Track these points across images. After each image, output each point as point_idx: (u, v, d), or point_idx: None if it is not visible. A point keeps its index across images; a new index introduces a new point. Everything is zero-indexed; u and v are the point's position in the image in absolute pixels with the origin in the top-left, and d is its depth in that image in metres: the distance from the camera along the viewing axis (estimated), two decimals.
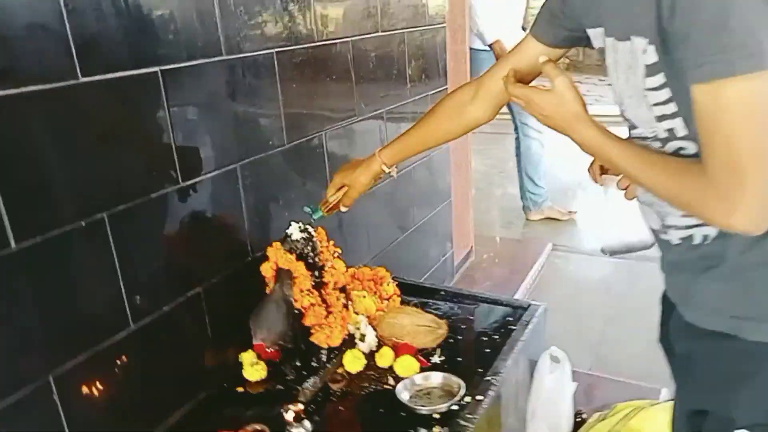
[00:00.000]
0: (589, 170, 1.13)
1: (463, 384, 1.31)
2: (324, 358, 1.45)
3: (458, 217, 2.77)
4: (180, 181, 1.27)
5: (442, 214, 2.58)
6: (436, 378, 1.36)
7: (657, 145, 0.86)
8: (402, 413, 1.28)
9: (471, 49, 2.98)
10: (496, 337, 1.55)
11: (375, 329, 1.53)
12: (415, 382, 1.36)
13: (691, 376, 0.96)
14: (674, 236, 0.91)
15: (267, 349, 1.39)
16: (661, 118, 0.82)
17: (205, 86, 1.32)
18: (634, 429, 1.61)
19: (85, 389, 1.10)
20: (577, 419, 1.75)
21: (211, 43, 1.30)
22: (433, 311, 1.61)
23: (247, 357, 1.46)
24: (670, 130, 0.83)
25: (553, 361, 1.61)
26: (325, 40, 1.68)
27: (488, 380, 1.35)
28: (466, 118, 1.20)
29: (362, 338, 1.52)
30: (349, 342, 1.49)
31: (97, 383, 1.12)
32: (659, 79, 0.79)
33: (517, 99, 0.99)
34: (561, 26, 1.02)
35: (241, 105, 1.42)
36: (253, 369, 1.42)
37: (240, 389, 1.41)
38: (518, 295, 2.67)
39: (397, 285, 1.73)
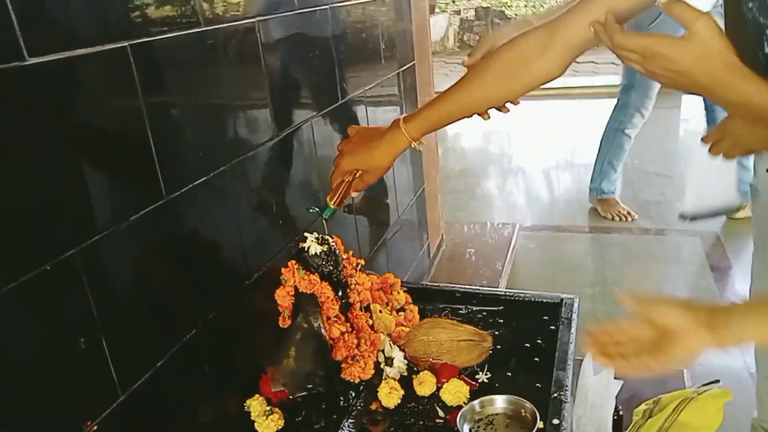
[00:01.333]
0: (705, 139, 0.94)
1: (533, 408, 1.10)
2: (352, 393, 1.19)
3: (430, 204, 2.56)
4: (164, 194, 0.95)
5: (419, 204, 2.35)
6: (500, 402, 1.14)
7: None
8: None
9: None
10: (539, 341, 1.36)
11: (402, 350, 1.29)
12: (475, 410, 1.13)
13: None
14: None
15: (290, 397, 1.11)
16: None
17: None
18: (685, 423, 1.48)
19: None
20: (614, 417, 1.60)
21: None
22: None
23: (256, 405, 1.17)
24: None
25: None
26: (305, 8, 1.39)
27: (556, 397, 1.15)
28: (532, 75, 0.94)
29: (389, 362, 1.27)
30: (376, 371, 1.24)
31: None
32: None
33: (629, 52, 0.77)
34: None
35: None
36: (268, 420, 1.14)
37: None
38: (502, 283, 2.50)
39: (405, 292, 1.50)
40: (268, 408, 1.16)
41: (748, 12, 0.77)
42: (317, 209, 1.15)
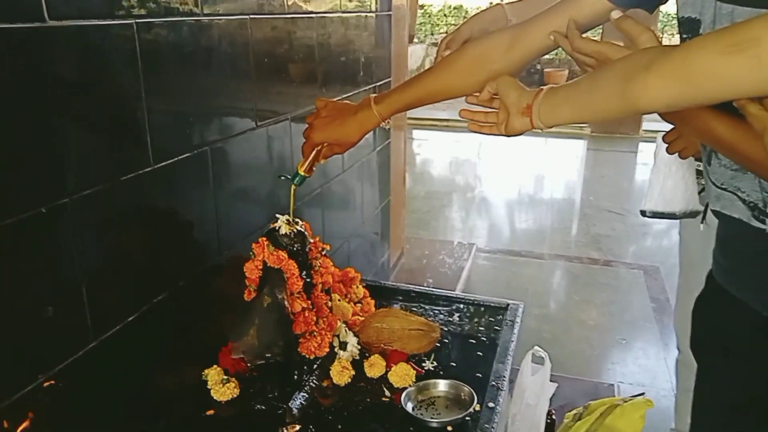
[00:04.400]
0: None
1: (473, 392, 1.20)
2: (306, 368, 1.27)
3: (394, 217, 2.67)
4: (152, 162, 1.04)
5: (383, 215, 2.46)
6: (442, 386, 1.24)
7: None
8: (411, 427, 1.15)
9: None
10: (484, 338, 1.47)
11: (356, 335, 1.38)
12: (419, 392, 1.23)
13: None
14: None
15: (248, 364, 1.18)
16: None
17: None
18: (610, 427, 1.61)
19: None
20: (547, 420, 1.71)
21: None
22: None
23: (214, 374, 1.24)
24: None
25: (536, 362, 1.56)
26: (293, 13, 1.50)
27: (494, 386, 1.25)
28: (492, 72, 1.03)
29: (343, 346, 1.36)
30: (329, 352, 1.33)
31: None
32: None
33: (584, 56, 0.89)
34: None
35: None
36: (224, 388, 1.21)
37: (210, 412, 1.19)
38: None
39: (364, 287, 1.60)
40: (225, 377, 1.24)
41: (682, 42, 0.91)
42: (288, 176, 1.22)
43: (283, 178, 1.22)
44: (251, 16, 1.30)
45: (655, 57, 0.71)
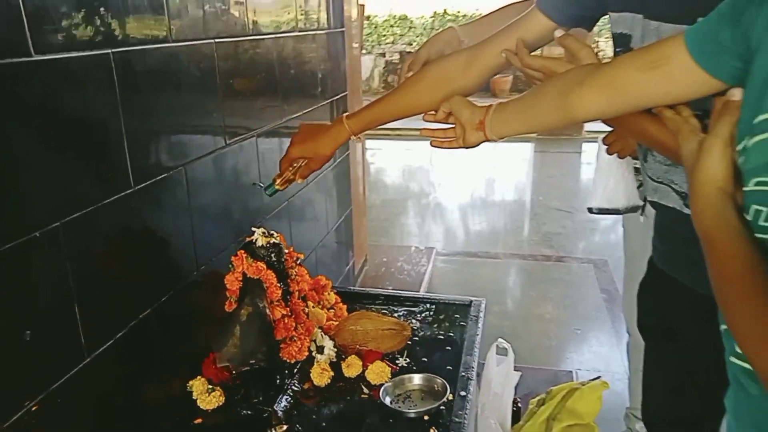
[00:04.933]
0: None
1: (445, 383, 1.29)
2: (287, 373, 1.33)
3: (356, 226, 2.75)
4: (132, 184, 1.09)
5: (346, 224, 2.54)
6: (416, 380, 1.32)
7: None
8: (390, 419, 1.23)
9: None
10: (451, 334, 1.56)
11: (332, 339, 1.45)
12: (395, 387, 1.31)
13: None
14: None
15: (232, 372, 1.24)
16: None
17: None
18: (571, 409, 1.72)
19: None
20: (514, 408, 1.82)
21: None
22: None
23: (198, 384, 1.29)
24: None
25: (500, 353, 1.66)
26: (255, 35, 1.57)
27: (464, 376, 1.35)
28: (452, 89, 1.12)
29: (320, 350, 1.43)
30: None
31: None
32: None
33: (533, 71, 1.00)
34: (577, 4, 1.03)
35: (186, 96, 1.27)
36: (210, 397, 1.27)
37: (198, 421, 1.24)
38: None
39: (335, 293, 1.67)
40: (210, 387, 1.29)
41: (616, 55, 1.03)
42: (262, 185, 1.28)
43: (257, 185, 1.28)
44: (216, 40, 1.37)
45: (587, 74, 0.84)
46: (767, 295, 0.60)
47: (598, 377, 1.89)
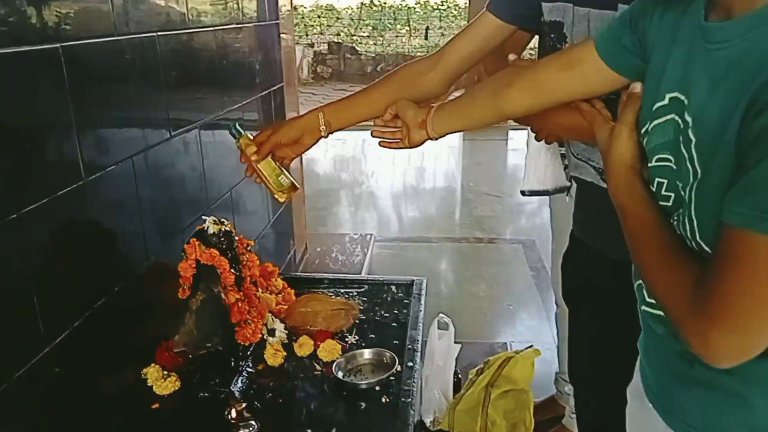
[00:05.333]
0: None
1: (393, 355, 1.38)
2: (241, 355, 1.38)
3: (296, 215, 2.79)
4: (83, 176, 1.10)
5: (286, 214, 2.58)
6: (366, 354, 1.41)
7: None
8: (344, 392, 1.31)
9: None
10: (396, 311, 1.65)
11: (283, 321, 1.51)
12: (347, 362, 1.39)
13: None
14: None
15: (189, 356, 1.27)
16: None
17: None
18: (507, 376, 1.86)
19: None
20: (455, 379, 1.94)
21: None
22: None
23: (153, 371, 1.32)
24: None
25: (441, 327, 1.77)
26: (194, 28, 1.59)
27: (411, 348, 1.44)
28: (421, 90, 1.21)
29: (272, 333, 1.48)
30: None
31: None
32: None
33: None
34: (517, 2, 1.14)
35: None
36: (166, 382, 1.30)
37: (156, 406, 1.27)
38: None
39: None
40: (165, 373, 1.32)
41: (549, 41, 1.15)
42: (236, 131, 1.29)
43: (233, 128, 1.27)
44: (158, 33, 1.38)
45: (514, 76, 0.98)
46: (672, 247, 0.73)
47: (530, 346, 2.04)
